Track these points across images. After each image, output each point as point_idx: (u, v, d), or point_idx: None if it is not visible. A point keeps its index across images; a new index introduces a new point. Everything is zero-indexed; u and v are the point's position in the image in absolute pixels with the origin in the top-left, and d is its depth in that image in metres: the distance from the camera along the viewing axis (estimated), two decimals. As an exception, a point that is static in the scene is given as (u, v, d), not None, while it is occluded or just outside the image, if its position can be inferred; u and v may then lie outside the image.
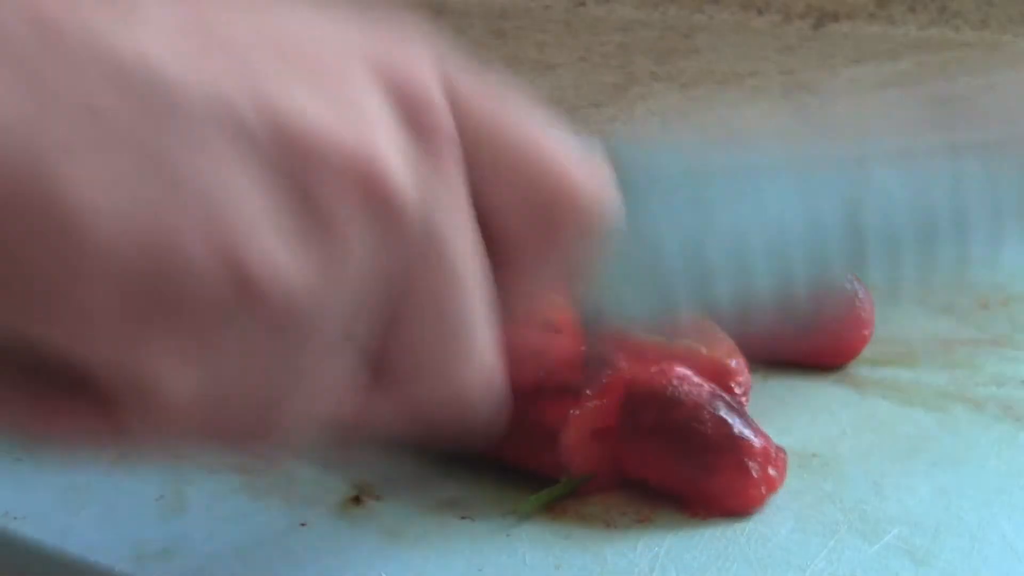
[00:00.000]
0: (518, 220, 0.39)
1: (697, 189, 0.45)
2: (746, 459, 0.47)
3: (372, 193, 0.34)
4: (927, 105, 0.52)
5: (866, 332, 0.46)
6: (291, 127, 0.32)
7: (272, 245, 0.32)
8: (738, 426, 0.47)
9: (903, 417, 0.55)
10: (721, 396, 0.48)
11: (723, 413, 0.47)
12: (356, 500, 0.49)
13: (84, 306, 0.31)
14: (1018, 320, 0.63)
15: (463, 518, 0.48)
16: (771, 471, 0.48)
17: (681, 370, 0.48)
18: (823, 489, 0.50)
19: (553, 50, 1.20)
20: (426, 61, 0.36)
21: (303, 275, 0.33)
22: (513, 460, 0.48)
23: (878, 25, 1.24)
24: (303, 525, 0.47)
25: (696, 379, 0.48)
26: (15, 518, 0.47)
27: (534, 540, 0.47)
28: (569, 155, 0.39)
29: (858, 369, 0.59)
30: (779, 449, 0.49)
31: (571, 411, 0.47)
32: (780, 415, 0.54)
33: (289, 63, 0.33)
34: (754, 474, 0.47)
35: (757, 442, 0.48)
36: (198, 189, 0.31)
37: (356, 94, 0.34)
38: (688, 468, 0.47)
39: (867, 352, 0.60)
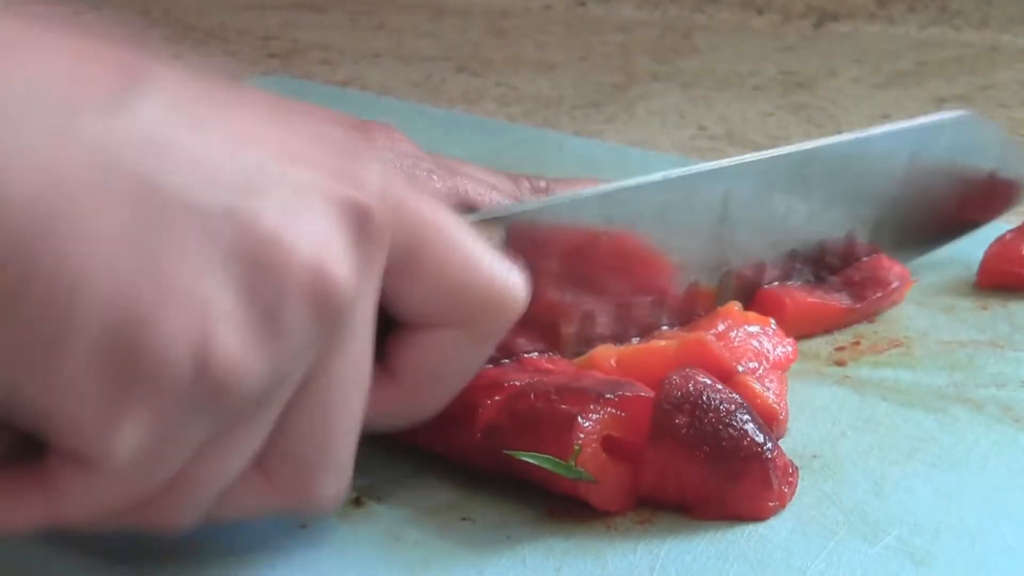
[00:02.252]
0: (437, 311, 0.45)
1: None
2: (770, 471, 0.48)
3: (322, 301, 0.40)
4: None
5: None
6: (261, 240, 0.38)
7: (233, 340, 0.38)
8: (766, 439, 0.48)
9: (903, 418, 0.55)
10: (751, 408, 0.48)
11: (753, 424, 0.48)
12: (356, 502, 0.49)
13: (67, 365, 0.36)
14: (1018, 321, 0.63)
15: (463, 520, 0.48)
16: (785, 488, 0.48)
17: (711, 378, 0.49)
18: (823, 490, 0.50)
19: (553, 50, 1.20)
20: (373, 175, 0.42)
21: (254, 368, 0.38)
22: (517, 448, 0.48)
23: (878, 25, 1.24)
24: (303, 527, 0.47)
25: (727, 389, 0.48)
26: (16, 520, 0.47)
27: (534, 542, 0.47)
28: (487, 262, 0.46)
29: (858, 370, 0.59)
30: (795, 468, 0.49)
31: (589, 405, 0.47)
32: (780, 416, 0.54)
33: (265, 180, 0.39)
34: (774, 487, 0.48)
35: (780, 457, 0.48)
36: (179, 283, 0.37)
37: (315, 210, 0.40)
38: (714, 472, 0.47)
39: (867, 353, 0.61)
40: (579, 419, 0.47)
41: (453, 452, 0.50)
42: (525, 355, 0.54)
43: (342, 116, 0.52)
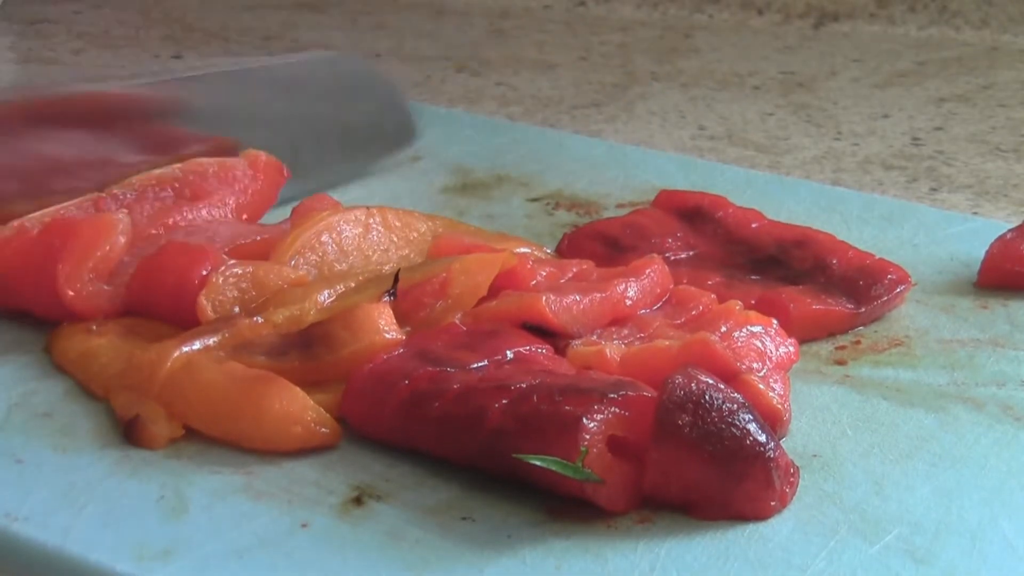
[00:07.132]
0: None
1: None
2: (772, 471, 0.48)
3: None
4: None
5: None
6: None
7: None
8: (768, 438, 0.48)
9: (904, 417, 0.55)
10: (753, 408, 0.49)
11: (756, 424, 0.48)
12: (357, 501, 0.49)
13: None
14: (1018, 320, 0.63)
15: (464, 519, 0.48)
16: (786, 488, 0.48)
17: (714, 378, 0.49)
18: (824, 489, 0.50)
19: (553, 50, 1.20)
20: None
21: None
22: (521, 450, 0.48)
23: (878, 25, 1.24)
24: (304, 526, 0.47)
25: (729, 389, 0.49)
26: (16, 519, 0.47)
27: (535, 541, 0.47)
28: None
29: (859, 369, 0.59)
30: (796, 468, 0.49)
31: (593, 406, 0.47)
32: (780, 415, 0.54)
33: None
34: (776, 486, 0.48)
35: (782, 457, 0.48)
36: None
37: None
38: (716, 472, 0.47)
39: (868, 352, 0.61)
40: (584, 420, 0.47)
41: (458, 456, 0.50)
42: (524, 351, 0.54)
43: None
